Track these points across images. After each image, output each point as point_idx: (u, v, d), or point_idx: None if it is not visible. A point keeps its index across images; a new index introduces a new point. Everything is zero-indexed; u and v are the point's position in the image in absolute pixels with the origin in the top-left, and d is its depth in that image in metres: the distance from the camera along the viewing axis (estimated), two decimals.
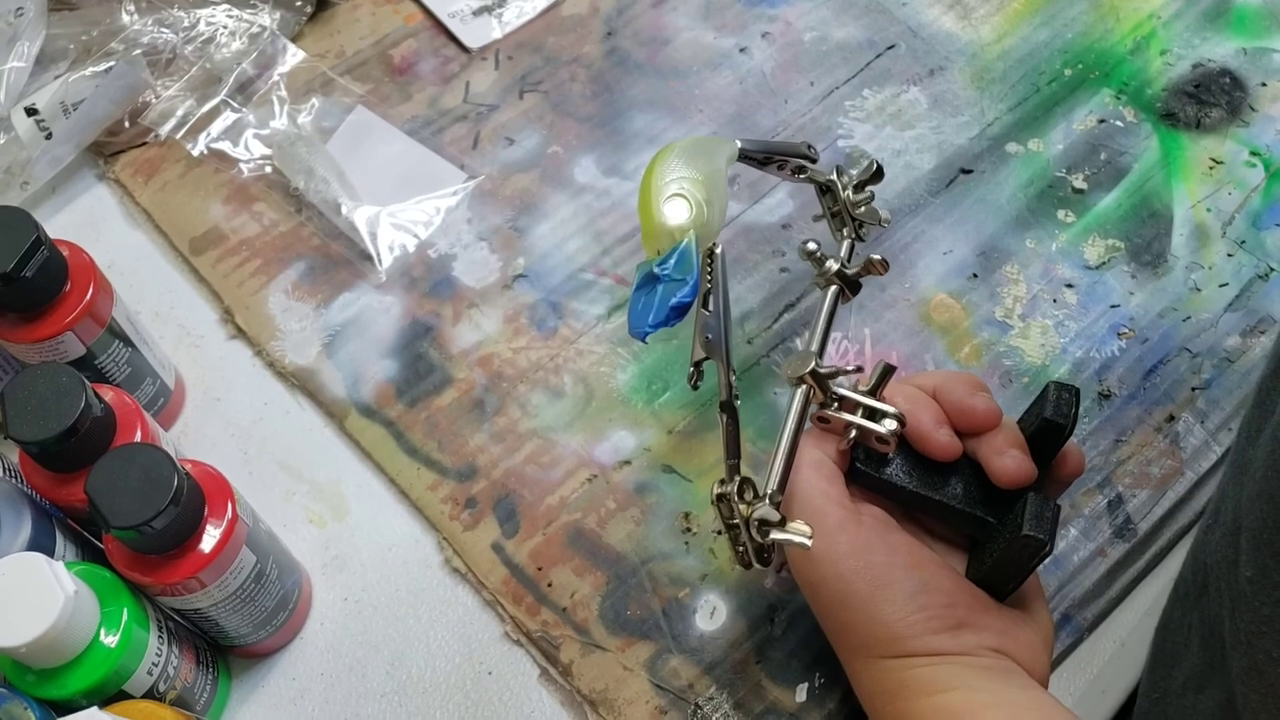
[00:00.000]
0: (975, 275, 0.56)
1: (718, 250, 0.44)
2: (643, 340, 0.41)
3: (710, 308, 0.42)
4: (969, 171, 0.59)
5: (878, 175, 0.49)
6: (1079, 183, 0.58)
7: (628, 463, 0.51)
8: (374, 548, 0.50)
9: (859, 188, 0.49)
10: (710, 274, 0.43)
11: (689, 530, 0.49)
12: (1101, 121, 0.60)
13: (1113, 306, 0.55)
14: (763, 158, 0.49)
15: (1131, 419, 0.52)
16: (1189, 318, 0.54)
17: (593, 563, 0.48)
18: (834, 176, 0.49)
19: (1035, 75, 0.62)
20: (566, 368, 0.53)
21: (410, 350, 0.54)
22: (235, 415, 0.53)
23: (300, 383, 0.53)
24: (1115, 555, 0.48)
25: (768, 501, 0.39)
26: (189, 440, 0.52)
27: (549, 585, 0.48)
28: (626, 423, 0.52)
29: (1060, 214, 0.58)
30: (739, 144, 0.47)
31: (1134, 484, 0.50)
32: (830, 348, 0.54)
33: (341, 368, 0.53)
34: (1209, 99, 0.61)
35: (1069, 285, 0.55)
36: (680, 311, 0.41)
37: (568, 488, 0.50)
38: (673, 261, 0.42)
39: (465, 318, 0.55)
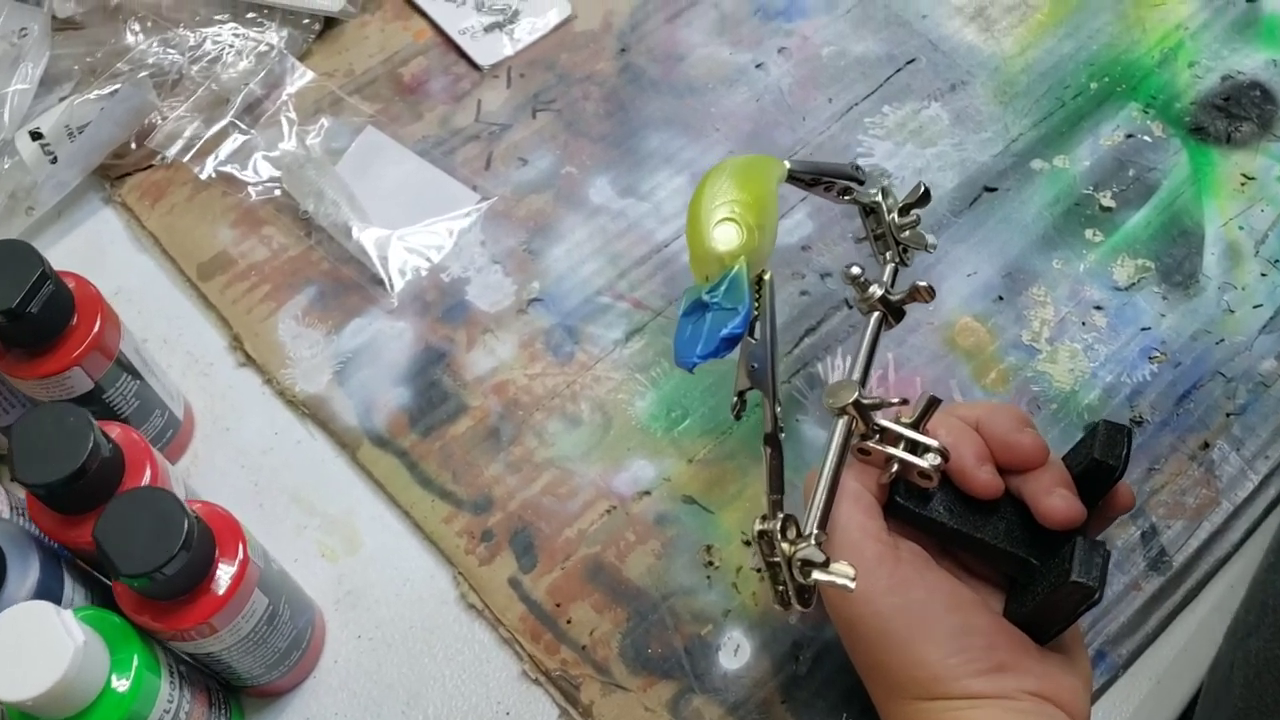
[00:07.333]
0: (1001, 297, 0.54)
1: (766, 276, 0.42)
2: (689, 370, 0.40)
3: (757, 336, 0.41)
4: (993, 190, 0.57)
5: (924, 198, 0.47)
6: (1107, 200, 0.57)
7: (647, 493, 0.50)
8: (388, 583, 0.49)
9: (904, 210, 0.47)
10: (758, 301, 0.41)
11: (711, 564, 0.48)
12: (1129, 136, 0.59)
13: (1143, 329, 0.53)
14: (810, 179, 0.47)
15: (1164, 447, 0.50)
16: (1222, 340, 0.53)
17: (613, 598, 0.47)
18: (879, 198, 0.48)
19: (1060, 89, 0.60)
20: (584, 395, 0.52)
21: (423, 377, 0.53)
22: (245, 445, 0.52)
23: (311, 412, 0.52)
24: (1150, 589, 0.47)
25: (812, 541, 0.37)
26: (199, 472, 0.51)
27: (568, 622, 0.47)
28: (645, 452, 0.51)
29: (1088, 233, 0.56)
30: (788, 165, 0.46)
31: (1168, 514, 0.49)
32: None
33: (353, 396, 0.52)
34: (1239, 112, 0.59)
35: (1098, 307, 0.54)
36: (730, 343, 0.39)
37: (586, 520, 0.49)
38: (723, 289, 0.40)
39: (479, 343, 0.54)
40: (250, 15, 0.61)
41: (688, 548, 0.48)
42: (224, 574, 0.40)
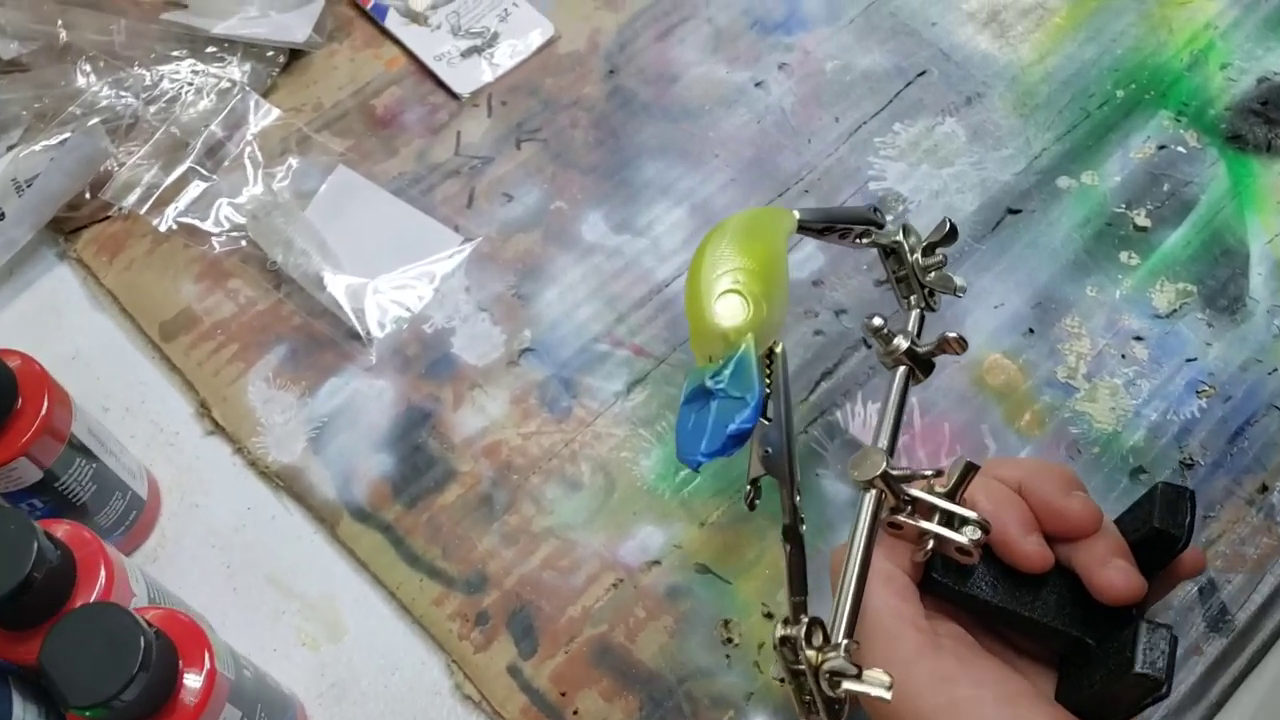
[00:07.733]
0: (1031, 330, 0.50)
1: (778, 349, 0.38)
2: (694, 469, 0.36)
3: (770, 416, 0.36)
4: (1017, 211, 0.53)
5: (951, 236, 0.43)
6: (1141, 219, 0.53)
7: (657, 563, 0.46)
8: (375, 673, 0.44)
9: (928, 250, 0.43)
10: (769, 377, 0.37)
11: (730, 641, 0.44)
12: (1161, 148, 0.55)
13: (1189, 360, 0.49)
14: (822, 227, 0.43)
15: (1219, 491, 0.46)
16: (1275, 370, 0.49)
17: (623, 684, 0.43)
18: (900, 237, 0.43)
19: (1084, 98, 0.56)
20: (583, 454, 0.48)
21: (407, 441, 0.48)
22: (216, 523, 0.48)
23: (286, 484, 0.48)
24: (1212, 653, 0.43)
25: (842, 651, 0.33)
26: (166, 554, 0.47)
27: (575, 713, 0.43)
28: (653, 516, 0.47)
29: (1123, 256, 0.52)
30: (797, 215, 0.41)
31: (1227, 567, 0.45)
32: (874, 418, 0.48)
33: (330, 465, 0.48)
34: (1278, 117, 0.55)
35: (1138, 338, 0.50)
36: (739, 440, 0.35)
37: (591, 595, 0.45)
38: (728, 373, 0.36)
39: (468, 400, 0.49)
40: (210, 50, 0.57)
41: (704, 623, 0.44)
42: (189, 690, 0.36)
